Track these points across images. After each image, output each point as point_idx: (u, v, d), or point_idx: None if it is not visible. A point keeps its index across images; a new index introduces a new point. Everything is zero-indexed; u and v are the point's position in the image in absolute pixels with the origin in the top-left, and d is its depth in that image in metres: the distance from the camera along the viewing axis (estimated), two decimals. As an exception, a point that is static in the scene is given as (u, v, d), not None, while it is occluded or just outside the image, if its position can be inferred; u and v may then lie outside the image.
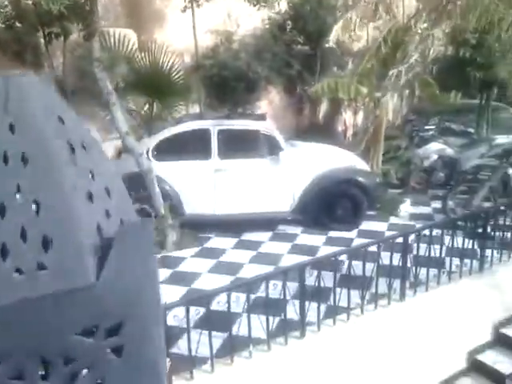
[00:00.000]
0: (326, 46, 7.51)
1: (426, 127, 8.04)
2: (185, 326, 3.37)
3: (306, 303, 3.85)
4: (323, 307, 4.10)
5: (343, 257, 4.41)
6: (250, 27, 8.22)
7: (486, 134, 8.39)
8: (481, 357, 4.80)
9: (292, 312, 3.93)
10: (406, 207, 7.24)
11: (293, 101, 8.92)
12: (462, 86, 8.58)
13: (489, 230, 4.99)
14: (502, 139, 7.80)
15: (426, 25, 6.88)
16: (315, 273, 3.85)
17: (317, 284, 3.84)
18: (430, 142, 7.78)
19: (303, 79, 8.40)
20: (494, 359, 4.76)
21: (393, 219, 6.86)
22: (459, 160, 7.56)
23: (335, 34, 6.94)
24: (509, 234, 5.16)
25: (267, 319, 3.66)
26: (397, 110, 9.93)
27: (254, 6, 6.19)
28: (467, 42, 7.42)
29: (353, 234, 6.35)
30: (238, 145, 6.23)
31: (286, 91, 8.85)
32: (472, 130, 8.67)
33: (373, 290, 4.31)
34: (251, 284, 3.66)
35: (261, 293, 3.74)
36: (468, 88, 8.48)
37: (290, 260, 5.33)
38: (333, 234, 6.32)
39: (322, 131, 8.67)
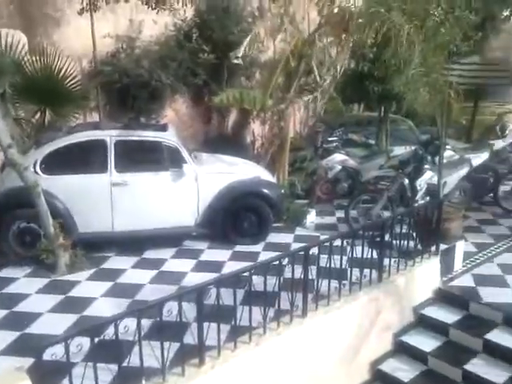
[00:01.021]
0: (236, 62, 7.52)
1: (330, 139, 8.23)
2: (74, 360, 3.06)
3: (205, 326, 3.64)
4: (224, 329, 3.92)
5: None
6: (153, 33, 7.90)
7: (385, 145, 8.77)
8: (382, 366, 4.90)
9: (190, 337, 3.71)
10: (312, 218, 7.32)
11: (200, 110, 8.72)
12: (363, 99, 8.95)
13: (387, 239, 5.13)
14: (399, 150, 8.19)
15: (328, 39, 7.04)
16: (221, 291, 3.68)
17: (217, 304, 3.65)
18: (333, 154, 7.98)
19: (210, 89, 8.24)
20: (394, 367, 4.88)
21: (299, 230, 6.89)
22: (361, 171, 7.81)
23: (243, 50, 6.93)
24: (405, 243, 5.33)
25: (162, 347, 3.40)
26: (303, 121, 10.15)
27: (153, 9, 5.92)
28: (365, 56, 7.72)
29: (259, 247, 6.27)
30: (138, 157, 5.90)
31: (193, 100, 8.63)
32: (373, 142, 9.03)
33: (277, 306, 4.21)
34: (145, 309, 3.38)
35: (156, 317, 3.48)
36: (368, 101, 8.84)
37: (193, 278, 5.11)
38: (239, 248, 6.19)
39: (230, 142, 8.56)
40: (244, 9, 8.32)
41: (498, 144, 8.85)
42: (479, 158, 7.76)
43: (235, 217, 6.22)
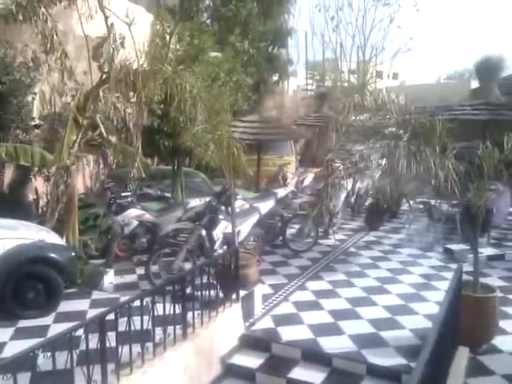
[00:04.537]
0: (33, 123, 6.75)
1: (124, 194, 7.94)
2: None
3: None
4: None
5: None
6: None
7: (182, 198, 8.87)
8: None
9: None
10: (111, 278, 6.84)
11: (-34, 167, 7.52)
12: (156, 153, 8.98)
13: (190, 291, 5.01)
14: (194, 202, 8.36)
15: (114, 95, 6.94)
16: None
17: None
18: (128, 209, 7.69)
19: (-21, 143, 7.18)
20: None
21: (97, 294, 6.33)
22: (159, 224, 7.69)
23: (37, 111, 6.35)
24: (207, 294, 5.29)
25: None
26: (94, 176, 9.63)
27: None
28: (154, 112, 7.81)
29: (49, 319, 5.51)
30: None
31: (-46, 155, 7.36)
32: (169, 195, 9.05)
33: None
34: None
35: None
36: (161, 155, 8.90)
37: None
38: (24, 323, 5.35)
39: (7, 202, 7.52)
40: (15, 58, 7.64)
41: (282, 192, 9.82)
42: (266, 206, 8.43)
43: (16, 287, 5.38)
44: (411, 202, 11.03)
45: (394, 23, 27.62)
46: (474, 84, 21.46)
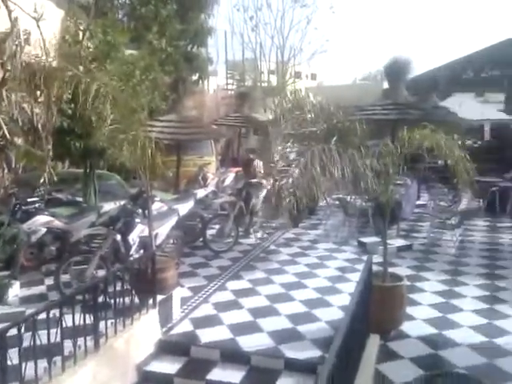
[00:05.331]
0: None
1: (30, 200, 7.44)
2: None
3: None
4: None
5: None
6: None
7: (95, 202, 8.50)
8: None
9: None
10: (16, 291, 6.40)
11: None
12: (66, 155, 8.53)
13: (103, 300, 4.79)
14: (109, 206, 8.03)
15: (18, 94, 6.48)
16: None
17: None
18: (35, 215, 7.22)
19: None
20: None
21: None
22: (70, 231, 7.30)
23: None
24: (122, 301, 5.09)
25: None
26: (-3, 182, 8.95)
27: None
28: (64, 112, 7.40)
29: None
30: None
31: None
32: (80, 199, 8.63)
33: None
34: None
35: None
36: (72, 157, 8.48)
37: None
38: None
39: None
40: None
41: (201, 193, 9.75)
42: (185, 207, 8.30)
43: None
44: (328, 198, 11.37)
45: (311, 25, 28.57)
46: (386, 85, 22.62)
